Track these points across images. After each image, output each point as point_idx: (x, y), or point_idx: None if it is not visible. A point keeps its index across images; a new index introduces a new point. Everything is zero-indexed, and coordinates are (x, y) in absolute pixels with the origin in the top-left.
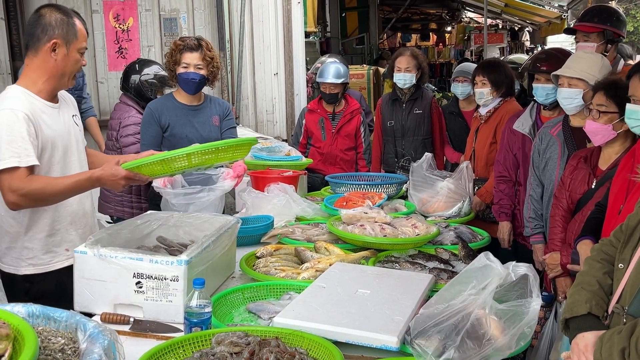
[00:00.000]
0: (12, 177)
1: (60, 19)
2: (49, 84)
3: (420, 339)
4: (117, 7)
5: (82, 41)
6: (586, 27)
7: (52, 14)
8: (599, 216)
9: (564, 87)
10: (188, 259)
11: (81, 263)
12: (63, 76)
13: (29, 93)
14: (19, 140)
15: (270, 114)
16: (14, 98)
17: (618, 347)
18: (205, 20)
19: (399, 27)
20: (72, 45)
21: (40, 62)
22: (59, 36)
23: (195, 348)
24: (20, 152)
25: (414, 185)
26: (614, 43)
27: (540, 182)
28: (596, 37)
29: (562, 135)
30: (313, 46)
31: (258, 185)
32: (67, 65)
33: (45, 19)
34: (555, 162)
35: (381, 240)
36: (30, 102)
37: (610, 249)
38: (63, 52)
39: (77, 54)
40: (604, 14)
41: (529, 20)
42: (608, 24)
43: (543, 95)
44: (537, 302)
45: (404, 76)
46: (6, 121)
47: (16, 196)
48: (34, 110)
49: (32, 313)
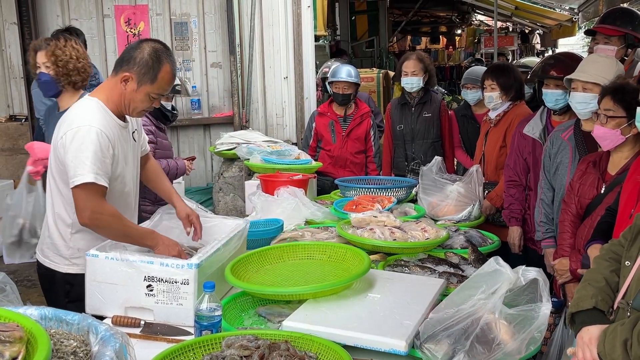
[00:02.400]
0: (88, 193)
1: (146, 61)
2: (116, 106)
3: (429, 343)
4: (129, 11)
5: (156, 88)
6: (608, 30)
7: (146, 51)
8: (609, 220)
9: (578, 91)
10: (198, 263)
11: (93, 266)
12: (127, 107)
13: (106, 109)
14: (96, 158)
15: (280, 118)
16: (94, 113)
17: (621, 338)
18: (215, 24)
19: (408, 30)
20: (143, 87)
21: (113, 84)
22: (135, 73)
23: (205, 351)
24: (97, 171)
25: (423, 188)
26: (634, 47)
27: (551, 187)
28: (617, 41)
29: (574, 140)
30: (323, 50)
31: (268, 189)
32: (133, 99)
33: (137, 52)
34: (566, 166)
35: (390, 244)
36: (107, 120)
37: (619, 249)
38: (132, 87)
39: (146, 95)
40: (627, 17)
41: (540, 23)
42: (630, 28)
43: (552, 100)
44: (547, 307)
45: (411, 80)
46: (89, 137)
47: (90, 213)
48: (110, 128)
49: (45, 316)
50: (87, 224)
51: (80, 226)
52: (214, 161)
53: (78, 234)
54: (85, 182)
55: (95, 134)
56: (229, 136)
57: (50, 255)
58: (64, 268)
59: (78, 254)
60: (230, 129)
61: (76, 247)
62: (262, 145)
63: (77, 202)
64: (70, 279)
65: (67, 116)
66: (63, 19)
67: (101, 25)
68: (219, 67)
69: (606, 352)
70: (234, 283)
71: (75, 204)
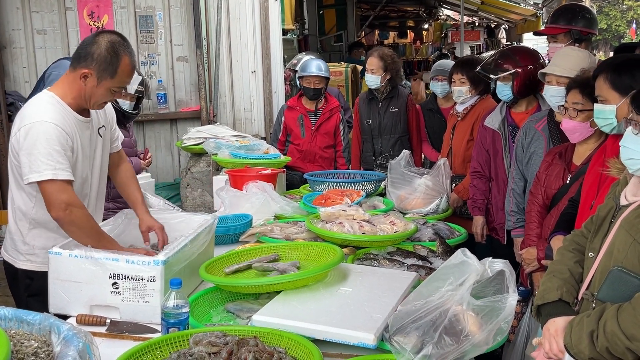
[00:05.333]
0: (58, 187)
1: (104, 56)
2: (76, 101)
3: (398, 336)
4: (92, 4)
5: (116, 82)
6: (551, 30)
7: (103, 46)
8: (571, 211)
9: (552, 84)
10: (165, 259)
11: (56, 264)
12: (88, 101)
13: (63, 104)
14: (55, 153)
15: (248, 112)
16: (46, 108)
17: (587, 330)
18: (181, 18)
19: (376, 25)
20: (103, 82)
21: (72, 80)
22: (94, 69)
23: (172, 349)
24: (56, 165)
25: (392, 182)
26: (583, 41)
27: (523, 177)
28: (563, 38)
29: (548, 130)
30: (291, 44)
31: (236, 184)
32: (94, 94)
33: (94, 48)
34: (540, 156)
35: (360, 237)
36: (62, 114)
37: (581, 239)
38: (92, 83)
39: (107, 89)
40: (569, 14)
41: (505, 18)
42: (573, 24)
43: (501, 92)
44: (513, 298)
45: (370, 77)
46: (43, 133)
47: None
48: (66, 122)
49: (5, 316)
50: (61, 217)
51: (38, 223)
52: (181, 156)
53: (36, 229)
54: (43, 179)
55: (49, 128)
56: (196, 131)
57: (9, 250)
58: (20, 264)
59: (34, 250)
60: (198, 124)
61: (32, 244)
62: (230, 139)
63: (47, 197)
64: (30, 274)
65: (22, 111)
66: (23, 12)
67: (63, 19)
68: (185, 61)
69: (573, 344)
70: (207, 278)
71: (46, 200)
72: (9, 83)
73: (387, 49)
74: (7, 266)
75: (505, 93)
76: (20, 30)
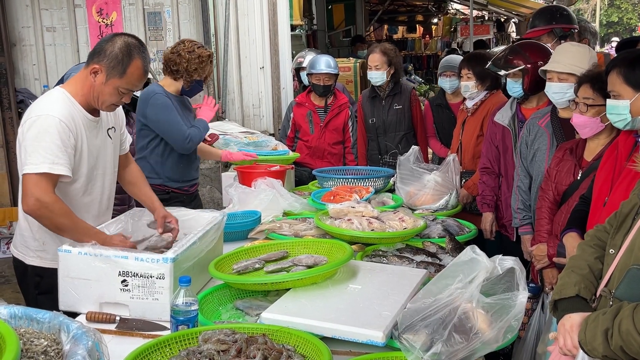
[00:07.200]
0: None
1: (116, 54)
2: (85, 98)
3: (407, 334)
4: (100, 1)
5: (125, 83)
6: (533, 33)
7: (117, 44)
8: (583, 208)
9: (554, 81)
10: (174, 257)
11: (65, 261)
12: (96, 100)
13: (73, 101)
14: (54, 147)
15: (256, 108)
16: (54, 103)
17: (602, 327)
18: (189, 14)
19: (385, 20)
20: (111, 80)
21: (84, 76)
22: (104, 65)
23: (182, 346)
24: (54, 160)
25: (401, 178)
26: (567, 37)
27: (528, 174)
28: (547, 38)
29: (551, 127)
30: (299, 39)
31: (245, 181)
32: (101, 92)
33: (108, 45)
34: (544, 153)
35: (368, 234)
36: (69, 110)
37: (603, 235)
38: (101, 79)
39: (114, 89)
40: (547, 14)
41: (515, 12)
42: (554, 22)
43: (511, 89)
44: (523, 295)
45: (374, 74)
46: (46, 127)
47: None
48: (73, 119)
49: (14, 314)
50: (31, 211)
51: None
52: None
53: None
54: (38, 172)
55: (52, 122)
56: None
57: (19, 246)
58: (30, 260)
59: (43, 247)
60: None
61: (42, 240)
62: (239, 136)
63: (24, 188)
64: (39, 271)
65: (32, 106)
66: (33, 10)
67: (72, 16)
68: None
69: (587, 340)
70: (217, 276)
71: (22, 190)
72: (18, 80)
73: (387, 43)
74: (17, 263)
75: (515, 90)
76: (29, 28)
